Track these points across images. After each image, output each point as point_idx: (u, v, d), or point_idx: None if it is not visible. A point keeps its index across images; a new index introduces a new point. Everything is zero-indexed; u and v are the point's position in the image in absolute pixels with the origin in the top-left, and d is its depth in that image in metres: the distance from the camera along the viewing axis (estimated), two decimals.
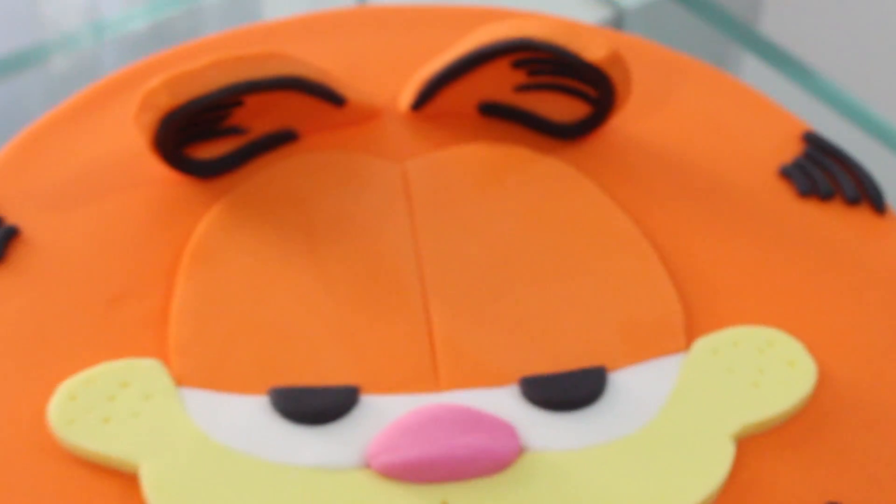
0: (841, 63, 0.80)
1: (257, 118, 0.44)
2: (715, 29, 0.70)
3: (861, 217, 0.44)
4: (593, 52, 0.43)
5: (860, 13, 0.85)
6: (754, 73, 0.72)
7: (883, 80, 0.82)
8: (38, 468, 0.37)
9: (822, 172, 0.45)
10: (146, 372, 0.39)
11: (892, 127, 0.69)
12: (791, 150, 0.46)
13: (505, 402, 0.38)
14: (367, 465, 0.37)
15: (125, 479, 0.37)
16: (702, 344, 0.40)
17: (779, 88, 0.71)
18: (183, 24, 0.71)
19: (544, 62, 0.44)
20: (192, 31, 0.77)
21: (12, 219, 0.43)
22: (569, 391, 0.38)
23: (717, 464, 0.37)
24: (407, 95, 0.46)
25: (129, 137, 0.44)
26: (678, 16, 0.72)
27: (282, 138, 0.45)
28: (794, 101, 0.71)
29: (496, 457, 0.37)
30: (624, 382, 0.39)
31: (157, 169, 0.44)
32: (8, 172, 0.44)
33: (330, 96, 0.44)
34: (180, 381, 0.38)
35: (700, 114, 0.47)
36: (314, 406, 0.38)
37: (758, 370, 0.39)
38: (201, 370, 0.39)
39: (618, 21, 0.78)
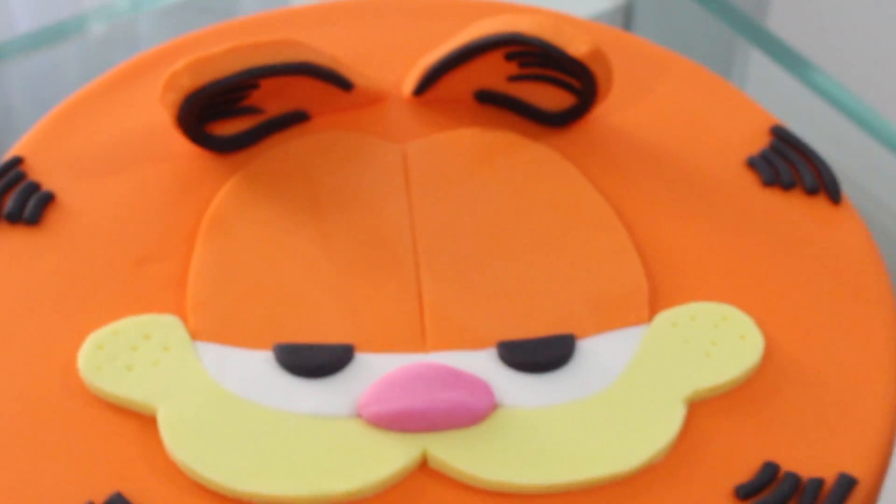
0: (845, 60, 0.84)
1: (272, 99, 0.49)
2: (722, 22, 0.74)
3: (818, 207, 0.49)
4: (577, 47, 0.48)
5: (866, 12, 0.88)
6: (759, 64, 0.76)
7: (886, 78, 0.85)
8: (69, 409, 0.42)
9: (786, 164, 0.49)
10: (166, 326, 0.43)
11: (891, 128, 0.72)
12: (759, 143, 0.50)
13: (483, 363, 0.43)
14: (357, 415, 0.41)
15: (144, 421, 0.41)
16: (663, 317, 0.44)
17: (781, 81, 0.74)
18: None
19: (534, 55, 0.49)
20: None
21: (48, 185, 0.48)
22: (540, 355, 0.43)
23: (669, 424, 0.42)
24: (409, 82, 0.51)
25: (156, 114, 0.48)
26: (687, 7, 0.76)
27: (294, 118, 0.49)
28: (795, 93, 0.74)
29: (472, 411, 0.41)
30: (590, 349, 0.43)
31: (180, 143, 0.48)
32: (45, 143, 0.49)
33: (339, 81, 0.49)
34: (195, 335, 0.43)
35: (677, 106, 0.51)
36: (313, 361, 0.42)
37: (711, 342, 0.44)
38: (214, 326, 0.43)
39: (628, 10, 0.82)
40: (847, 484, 0.41)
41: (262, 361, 0.43)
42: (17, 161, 0.48)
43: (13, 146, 0.48)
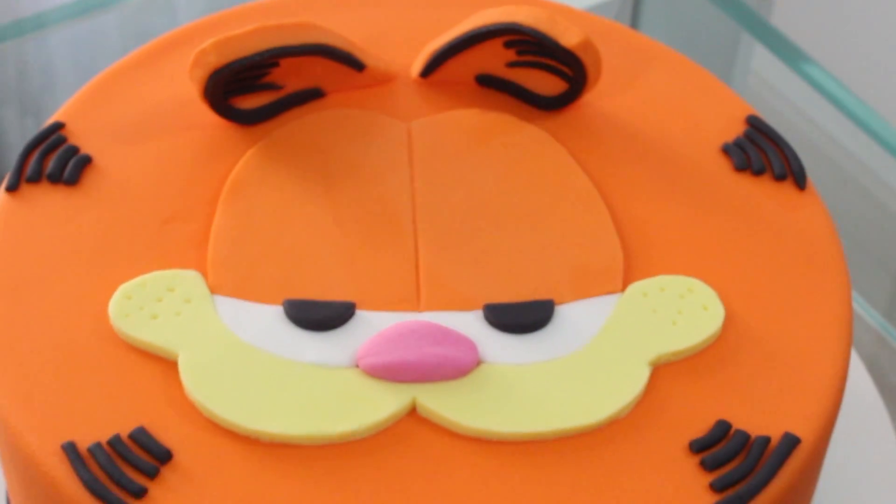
0: (845, 56, 0.88)
1: (290, 77, 0.53)
2: (726, 15, 0.78)
3: (785, 192, 0.53)
4: (569, 38, 0.52)
5: (868, 9, 0.92)
6: (762, 56, 0.80)
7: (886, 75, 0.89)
8: (100, 351, 0.47)
9: (758, 151, 0.54)
10: (188, 280, 0.48)
11: (887, 126, 0.76)
12: (734, 131, 0.55)
13: (470, 323, 0.47)
14: (355, 366, 0.46)
15: (167, 365, 0.46)
16: (634, 287, 0.49)
17: (783, 74, 0.78)
18: None
19: (530, 44, 0.53)
20: None
21: (86, 149, 0.52)
22: (522, 318, 0.48)
23: (634, 383, 0.47)
24: (416, 65, 0.55)
25: (185, 87, 0.53)
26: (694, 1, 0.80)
27: (310, 95, 0.54)
28: (793, 87, 0.78)
29: (458, 365, 0.46)
30: (568, 314, 0.48)
31: (206, 115, 0.53)
32: (84, 110, 0.54)
33: (352, 62, 0.53)
34: (214, 289, 0.48)
35: (661, 94, 0.55)
36: (318, 316, 0.47)
37: (677, 311, 0.48)
38: (231, 282, 0.48)
39: (637, 1, 0.86)
40: (791, 443, 0.46)
41: (272, 315, 0.47)
42: (58, 126, 0.53)
43: (55, 112, 0.53)
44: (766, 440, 0.45)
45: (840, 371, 0.48)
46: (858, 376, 0.59)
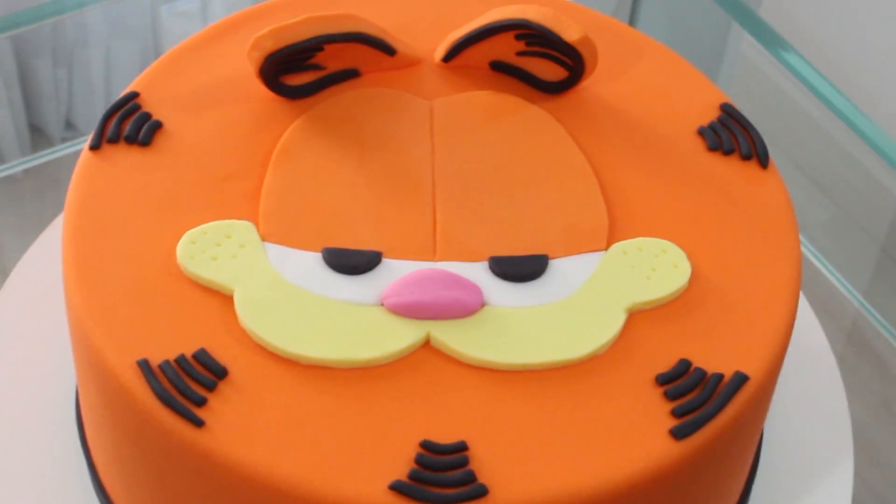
0: (824, 47, 0.96)
1: (332, 59, 0.62)
2: (719, 6, 0.86)
3: (750, 169, 0.62)
4: (570, 34, 0.61)
5: (855, 6, 1.00)
6: (749, 48, 0.88)
7: (866, 70, 0.97)
8: (168, 287, 0.55)
9: (728, 134, 0.63)
10: (242, 229, 0.57)
11: (862, 118, 0.85)
12: (709, 116, 0.63)
13: (477, 272, 0.56)
14: (380, 304, 0.55)
15: (223, 298, 0.55)
16: (616, 247, 0.58)
17: (767, 64, 0.87)
18: None
19: (537, 37, 0.62)
20: None
21: (157, 115, 0.61)
22: (520, 269, 0.57)
23: (612, 326, 0.55)
24: (439, 51, 0.64)
25: (242, 65, 0.62)
26: None
27: (348, 75, 0.63)
28: (776, 76, 0.87)
29: (466, 306, 0.55)
30: (559, 267, 0.57)
31: (260, 89, 0.62)
32: (156, 81, 0.63)
33: (385, 48, 0.62)
34: (264, 237, 0.57)
35: (647, 83, 0.64)
36: (350, 262, 0.56)
37: (651, 268, 0.57)
38: (279, 231, 0.57)
39: None
40: (740, 380, 0.54)
41: (312, 260, 0.57)
42: (133, 95, 0.62)
43: (131, 83, 0.63)
44: (720, 377, 0.54)
45: (787, 321, 0.57)
46: (812, 330, 0.68)
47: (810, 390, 0.67)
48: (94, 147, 0.60)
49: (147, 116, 0.61)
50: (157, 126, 0.61)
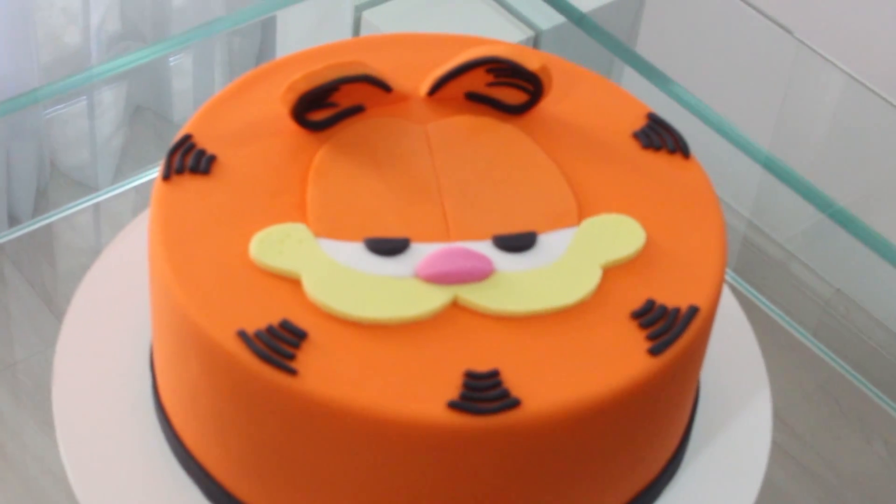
0: (694, 74, 1.15)
1: (343, 98, 0.78)
2: (603, 47, 1.04)
3: (676, 160, 0.79)
4: (532, 64, 0.78)
5: (708, 41, 1.19)
6: (630, 77, 1.07)
7: (725, 88, 1.16)
8: (248, 277, 0.70)
9: (656, 135, 0.80)
10: (298, 230, 0.72)
11: (723, 120, 1.04)
12: (639, 123, 0.81)
13: (485, 247, 0.72)
14: (415, 276, 0.71)
15: (293, 283, 0.70)
16: (587, 222, 0.74)
17: (647, 90, 1.05)
18: None
19: (504, 70, 0.79)
20: None
21: (210, 150, 0.76)
22: (517, 243, 0.73)
23: (592, 279, 0.72)
24: (424, 86, 0.80)
25: (271, 107, 0.78)
26: (578, 36, 1.06)
27: (356, 110, 0.79)
28: (655, 98, 1.05)
29: (482, 273, 0.71)
30: (545, 239, 0.73)
31: (289, 125, 0.77)
32: (204, 124, 0.78)
33: (383, 86, 0.78)
34: (316, 234, 0.72)
35: (588, 100, 0.81)
36: (387, 247, 0.72)
37: (615, 234, 0.74)
38: (327, 229, 0.72)
39: (536, 39, 1.12)
40: (693, 310, 0.71)
41: (357, 248, 0.72)
42: (189, 136, 0.77)
43: (183, 126, 0.78)
44: (678, 309, 0.71)
45: (720, 267, 0.74)
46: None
47: (725, 335, 0.84)
48: (166, 177, 0.75)
49: (203, 152, 0.76)
50: (213, 158, 0.76)
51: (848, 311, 1.22)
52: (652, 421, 0.72)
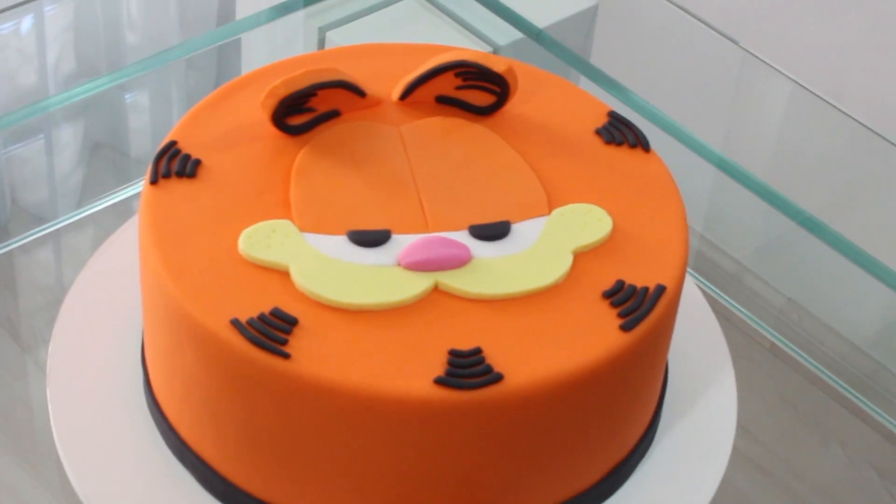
0: (647, 83, 1.20)
1: (320, 103, 0.82)
2: (560, 60, 1.09)
3: (637, 154, 0.84)
4: (499, 66, 0.82)
5: (658, 53, 1.24)
6: (587, 88, 1.11)
7: (676, 95, 1.21)
8: (238, 270, 0.74)
9: (618, 131, 0.85)
10: (284, 225, 0.76)
11: (672, 121, 1.09)
12: (601, 120, 0.85)
13: (462, 237, 0.76)
14: (397, 265, 0.75)
15: (281, 274, 0.74)
16: (557, 211, 0.78)
17: (604, 99, 1.10)
18: None
19: (472, 74, 0.83)
20: None
21: (195, 155, 0.80)
22: (492, 231, 0.77)
23: (564, 263, 0.76)
24: (396, 92, 0.85)
25: (253, 113, 0.82)
26: (536, 50, 1.11)
27: (332, 115, 0.83)
28: (612, 105, 1.10)
29: (460, 259, 0.75)
30: (519, 228, 0.77)
31: (270, 130, 0.81)
32: (188, 131, 0.81)
33: (357, 91, 0.82)
34: (301, 229, 0.76)
35: (551, 101, 0.86)
36: (370, 239, 0.75)
37: (584, 222, 0.78)
38: (311, 224, 0.76)
39: (495, 54, 1.16)
40: (661, 289, 0.76)
41: (341, 240, 0.76)
42: (173, 143, 0.81)
43: (168, 133, 0.81)
44: (646, 289, 0.75)
45: (683, 250, 0.78)
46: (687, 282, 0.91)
47: (689, 321, 0.89)
48: (153, 181, 0.78)
49: (188, 157, 0.80)
50: (198, 163, 0.79)
51: (800, 319, 1.27)
52: (626, 393, 0.76)
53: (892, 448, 1.15)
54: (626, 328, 0.74)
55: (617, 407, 0.76)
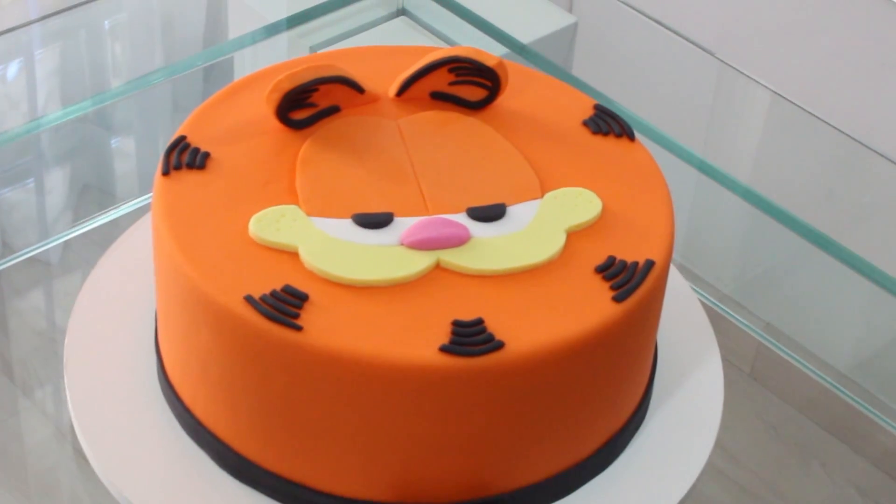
0: (628, 94, 1.24)
1: (322, 98, 0.86)
2: (544, 72, 1.13)
3: (623, 143, 0.88)
4: (490, 61, 0.87)
5: (638, 68, 1.29)
6: None
7: (656, 105, 1.26)
8: (250, 252, 0.78)
9: (604, 122, 0.89)
10: (292, 210, 0.80)
11: (656, 129, 1.13)
12: (587, 112, 0.90)
13: (461, 218, 0.80)
14: (401, 244, 0.79)
15: (290, 255, 0.78)
16: (549, 195, 0.83)
17: None
18: None
19: (465, 69, 0.87)
20: None
21: (204, 148, 0.84)
22: (489, 213, 0.81)
23: (558, 241, 0.80)
24: (393, 88, 0.89)
25: (257, 109, 0.86)
26: (520, 63, 1.15)
27: (333, 110, 0.87)
28: None
29: (460, 238, 0.79)
30: (514, 210, 0.81)
31: (274, 124, 0.85)
32: (197, 126, 0.85)
33: (357, 87, 0.87)
34: (308, 213, 0.80)
35: (540, 95, 0.90)
36: (374, 221, 0.79)
37: (575, 204, 0.82)
38: (317, 208, 0.80)
39: None
40: (650, 263, 0.80)
41: (346, 223, 0.80)
42: (183, 137, 0.85)
43: (178, 128, 0.85)
44: (636, 263, 0.80)
45: (669, 229, 0.82)
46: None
47: (676, 307, 0.93)
48: (165, 173, 0.82)
49: (197, 150, 0.84)
50: (207, 155, 0.84)
51: (778, 340, 1.30)
52: (620, 361, 0.80)
53: (872, 467, 1.18)
54: (618, 299, 0.78)
55: (612, 374, 0.80)
